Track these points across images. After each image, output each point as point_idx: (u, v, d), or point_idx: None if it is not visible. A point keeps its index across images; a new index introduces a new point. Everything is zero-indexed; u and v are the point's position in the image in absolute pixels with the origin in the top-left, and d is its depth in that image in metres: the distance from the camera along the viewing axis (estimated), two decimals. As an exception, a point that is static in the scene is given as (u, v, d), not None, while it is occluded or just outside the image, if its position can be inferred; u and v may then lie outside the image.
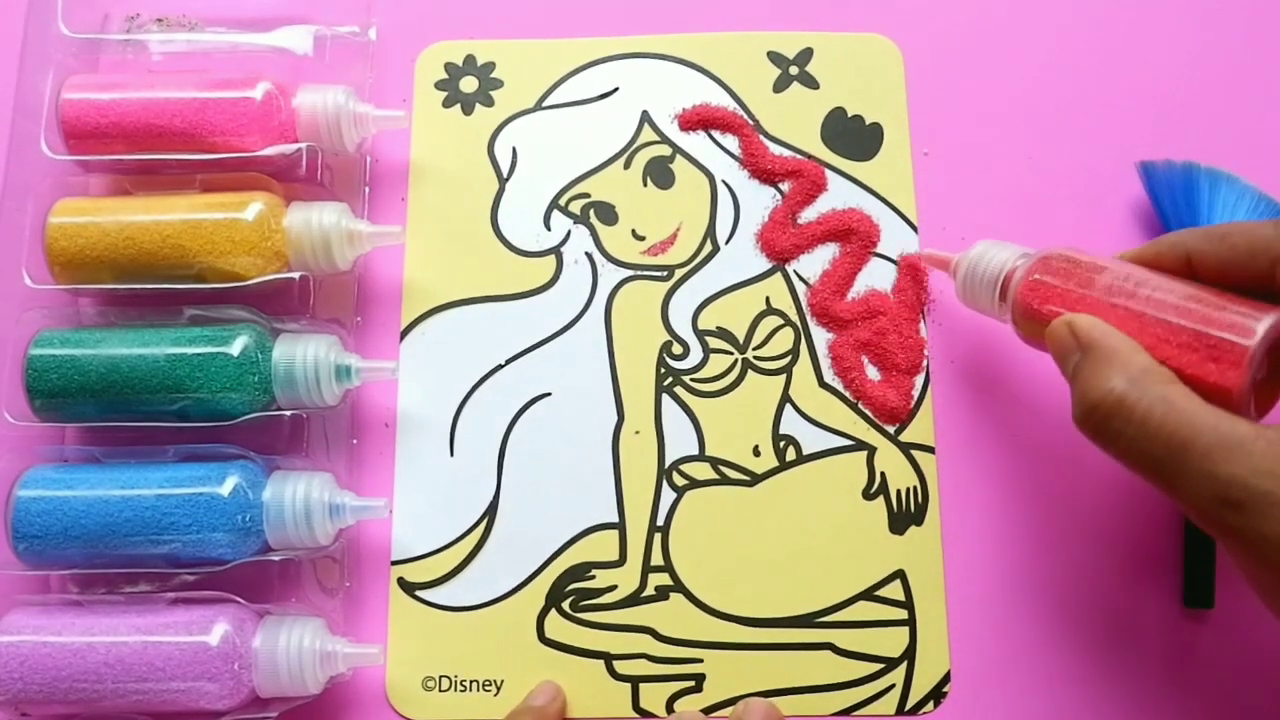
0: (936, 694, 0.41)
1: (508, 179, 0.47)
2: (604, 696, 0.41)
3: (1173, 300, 0.34)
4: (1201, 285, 0.35)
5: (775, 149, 0.47)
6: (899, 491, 0.43)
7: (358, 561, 0.43)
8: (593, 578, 0.42)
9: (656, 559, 0.43)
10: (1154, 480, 0.32)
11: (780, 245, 0.46)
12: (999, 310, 0.40)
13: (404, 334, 0.45)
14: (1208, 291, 0.34)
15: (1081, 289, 0.36)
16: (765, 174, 0.47)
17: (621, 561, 0.43)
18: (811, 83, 0.48)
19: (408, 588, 0.42)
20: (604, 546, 0.43)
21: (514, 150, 0.47)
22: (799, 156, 0.47)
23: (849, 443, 0.44)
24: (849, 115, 0.47)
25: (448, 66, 0.48)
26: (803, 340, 0.45)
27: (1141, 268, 0.36)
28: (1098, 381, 0.33)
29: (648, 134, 0.47)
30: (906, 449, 0.43)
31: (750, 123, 0.47)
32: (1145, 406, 0.32)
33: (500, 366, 0.45)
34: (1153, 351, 0.34)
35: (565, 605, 0.42)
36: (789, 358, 0.45)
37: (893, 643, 0.42)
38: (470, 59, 0.48)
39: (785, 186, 0.46)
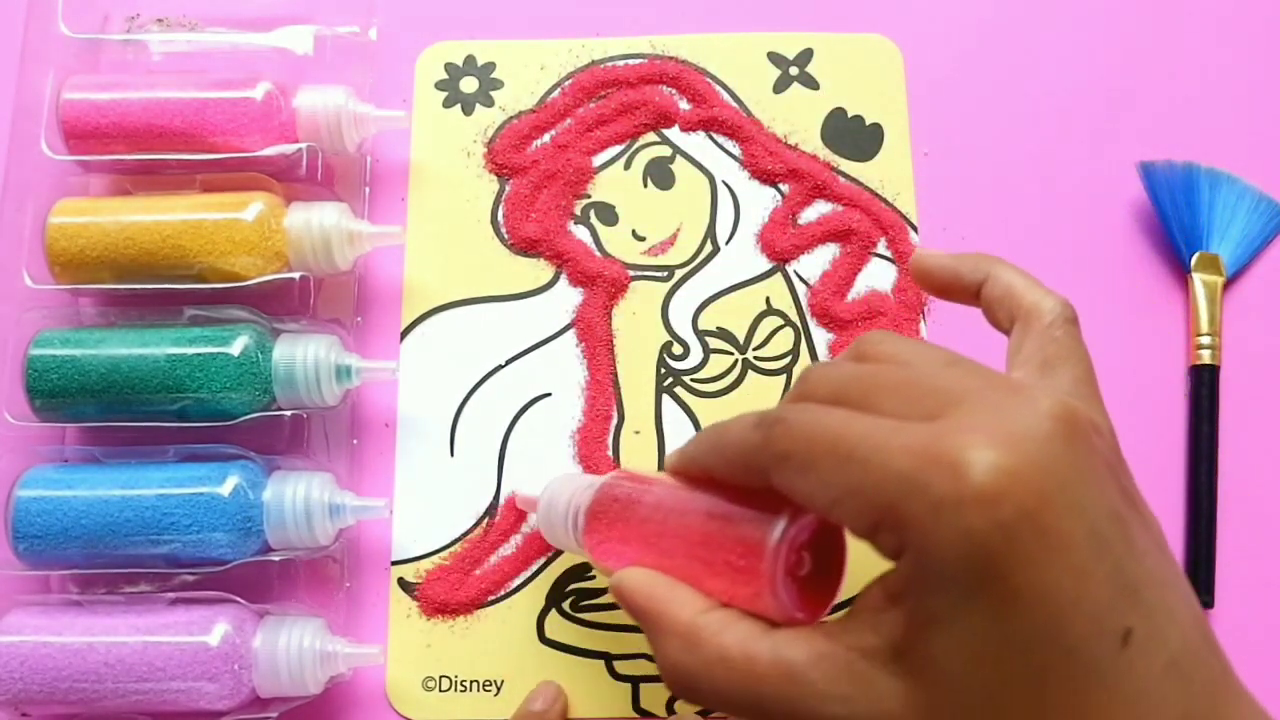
0: (937, 694, 0.41)
1: (508, 179, 0.47)
2: (604, 696, 0.41)
3: (697, 525, 0.31)
4: (724, 493, 0.31)
5: (776, 149, 0.47)
6: (899, 492, 0.43)
7: (358, 561, 0.43)
8: (593, 577, 0.42)
9: (657, 559, 0.43)
10: None
11: (780, 246, 0.46)
12: (584, 552, 0.36)
13: (404, 334, 0.45)
14: (729, 501, 0.31)
15: (625, 528, 0.33)
16: (765, 174, 0.46)
17: (622, 562, 0.43)
18: (811, 83, 0.48)
19: (408, 588, 0.42)
20: (604, 547, 0.43)
21: (514, 150, 0.47)
22: (800, 156, 0.47)
23: (849, 443, 0.43)
24: (849, 115, 0.47)
25: (448, 66, 0.48)
26: (803, 341, 0.45)
27: (674, 487, 0.33)
28: (661, 658, 0.31)
29: (648, 134, 0.47)
30: (907, 449, 0.43)
31: (751, 123, 0.47)
32: (708, 671, 0.30)
33: (500, 366, 0.45)
34: (698, 584, 0.31)
35: (566, 605, 0.42)
36: (789, 358, 0.45)
37: (893, 643, 0.42)
38: (470, 59, 0.48)
39: (785, 187, 0.46)
